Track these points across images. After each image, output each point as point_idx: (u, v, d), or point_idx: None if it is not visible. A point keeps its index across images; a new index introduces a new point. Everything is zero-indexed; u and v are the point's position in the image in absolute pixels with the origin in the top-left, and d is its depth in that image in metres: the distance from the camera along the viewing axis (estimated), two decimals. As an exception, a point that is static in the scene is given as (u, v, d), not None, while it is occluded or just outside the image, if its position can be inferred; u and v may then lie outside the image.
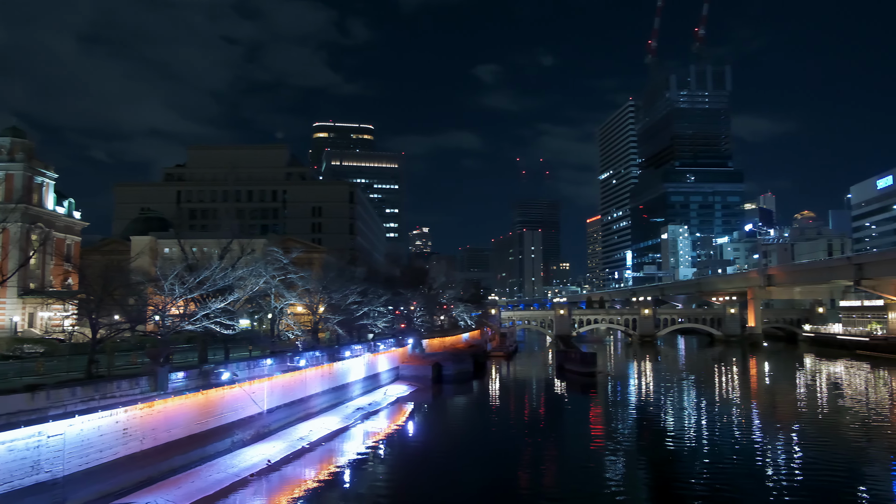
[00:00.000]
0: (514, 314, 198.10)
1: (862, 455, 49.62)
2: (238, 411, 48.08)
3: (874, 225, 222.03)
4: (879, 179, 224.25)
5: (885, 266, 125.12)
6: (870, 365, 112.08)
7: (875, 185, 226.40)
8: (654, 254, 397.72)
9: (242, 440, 47.29)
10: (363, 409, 66.67)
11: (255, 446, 47.13)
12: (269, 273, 61.35)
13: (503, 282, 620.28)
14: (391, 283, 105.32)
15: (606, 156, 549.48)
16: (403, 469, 46.50)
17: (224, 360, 51.75)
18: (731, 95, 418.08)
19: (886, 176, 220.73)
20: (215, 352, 54.09)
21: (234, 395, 47.70)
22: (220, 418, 45.82)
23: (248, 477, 40.32)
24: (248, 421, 49.06)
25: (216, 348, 54.47)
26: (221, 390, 46.23)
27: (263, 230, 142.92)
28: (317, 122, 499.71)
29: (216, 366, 47.90)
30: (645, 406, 75.45)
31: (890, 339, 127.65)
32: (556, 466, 47.40)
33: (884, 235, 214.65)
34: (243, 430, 48.00)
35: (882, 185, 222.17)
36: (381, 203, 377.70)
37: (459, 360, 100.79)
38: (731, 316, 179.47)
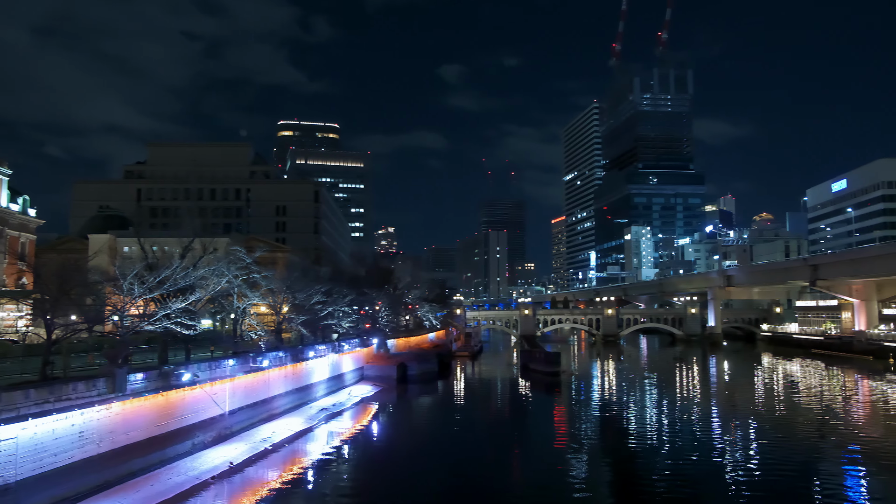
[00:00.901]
0: (480, 314, 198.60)
1: (816, 451, 50.90)
2: (199, 413, 47.29)
3: (829, 227, 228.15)
4: (834, 183, 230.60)
5: (839, 267, 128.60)
6: (824, 363, 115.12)
7: (830, 188, 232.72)
8: (617, 254, 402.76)
9: (204, 442, 46.52)
10: (327, 409, 66.15)
11: (217, 448, 46.41)
12: (232, 272, 60.52)
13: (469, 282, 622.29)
14: (356, 283, 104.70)
15: (571, 157, 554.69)
16: (368, 470, 46.24)
17: (185, 361, 50.88)
18: (692, 99, 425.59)
19: (840, 180, 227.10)
20: (176, 352, 53.15)
21: (196, 396, 46.91)
22: (181, 420, 45.01)
23: (209, 479, 39.68)
24: (209, 422, 48.29)
25: (177, 349, 53.53)
26: (182, 392, 45.42)
27: (226, 229, 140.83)
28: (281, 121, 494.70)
29: (177, 367, 47.04)
30: (608, 405, 76.27)
31: (843, 338, 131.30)
32: (521, 466, 47.63)
33: (838, 237, 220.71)
34: (205, 432, 47.23)
35: (836, 189, 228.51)
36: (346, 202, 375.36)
37: (424, 360, 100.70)
38: (691, 316, 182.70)
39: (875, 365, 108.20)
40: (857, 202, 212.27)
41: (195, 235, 62.22)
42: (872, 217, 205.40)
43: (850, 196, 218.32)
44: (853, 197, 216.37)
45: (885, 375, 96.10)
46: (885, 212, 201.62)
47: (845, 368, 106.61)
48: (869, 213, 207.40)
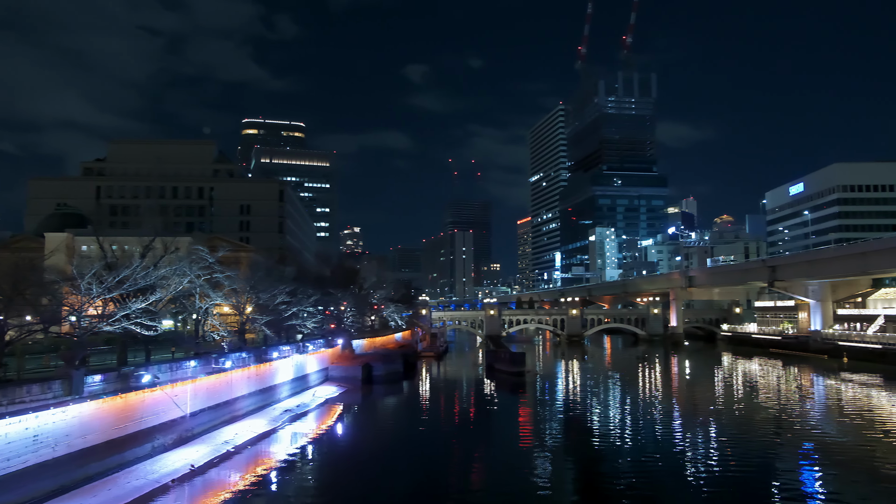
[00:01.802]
0: (445, 314, 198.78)
1: (773, 448, 52.02)
2: (159, 415, 46.47)
3: (787, 229, 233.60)
4: (792, 186, 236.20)
5: (796, 268, 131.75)
6: (782, 362, 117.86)
7: (788, 191, 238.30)
8: (582, 255, 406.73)
9: (164, 445, 45.71)
10: (291, 410, 65.55)
11: (178, 451, 45.65)
12: (194, 272, 59.65)
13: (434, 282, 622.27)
14: (321, 283, 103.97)
15: (537, 158, 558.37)
16: (332, 471, 45.93)
17: (145, 363, 49.99)
18: (655, 102, 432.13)
19: (798, 183, 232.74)
20: (136, 354, 52.17)
21: (156, 398, 46.08)
22: (141, 422, 44.17)
23: (168, 483, 38.99)
24: (170, 425, 47.48)
25: (137, 350, 52.55)
26: (142, 393, 44.58)
27: (189, 228, 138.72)
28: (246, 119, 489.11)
29: (136, 368, 46.18)
30: (572, 404, 76.98)
31: (800, 337, 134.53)
32: (485, 466, 47.75)
33: (795, 239, 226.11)
34: (165, 435, 46.41)
35: (794, 192, 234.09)
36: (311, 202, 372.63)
37: (390, 361, 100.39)
38: (654, 316, 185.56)
39: (829, 364, 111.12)
40: (814, 205, 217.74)
41: (156, 234, 61.30)
42: (828, 220, 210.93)
43: (807, 199, 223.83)
44: (810, 200, 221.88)
45: (839, 374, 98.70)
46: (840, 215, 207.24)
47: (801, 367, 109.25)
48: (825, 215, 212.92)
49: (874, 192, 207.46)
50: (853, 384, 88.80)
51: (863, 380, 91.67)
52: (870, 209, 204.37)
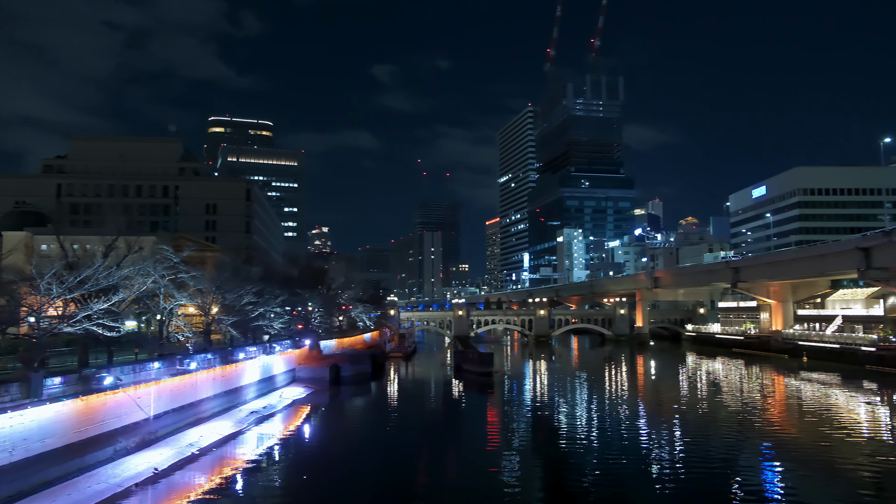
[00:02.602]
0: (414, 315, 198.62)
1: (736, 446, 52.95)
2: (122, 417, 45.61)
3: (750, 231, 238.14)
4: (754, 189, 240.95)
5: (758, 270, 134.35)
6: (744, 362, 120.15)
7: (751, 194, 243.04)
8: (550, 256, 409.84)
9: (126, 448, 44.87)
10: (257, 412, 64.85)
11: (141, 454, 44.85)
12: (159, 272, 58.66)
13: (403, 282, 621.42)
14: (289, 284, 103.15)
15: (506, 160, 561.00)
16: (299, 472, 45.52)
17: (107, 364, 49.04)
18: (623, 105, 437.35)
19: (760, 186, 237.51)
20: (98, 355, 51.16)
21: (118, 400, 45.21)
22: (102, 425, 43.30)
23: (131, 487, 38.29)
24: (132, 427, 46.62)
25: (99, 351, 51.52)
26: (104, 396, 43.71)
27: (153, 227, 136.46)
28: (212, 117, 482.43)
29: (98, 370, 45.26)
30: (539, 404, 77.44)
31: (762, 337, 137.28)
32: (453, 467, 47.83)
33: (758, 241, 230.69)
34: (127, 438, 45.56)
35: (756, 195, 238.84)
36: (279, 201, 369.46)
37: (358, 362, 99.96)
38: (620, 316, 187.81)
39: (790, 363, 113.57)
40: (776, 208, 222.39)
41: (119, 233, 60.09)
42: (789, 222, 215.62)
43: (769, 202, 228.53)
44: (772, 203, 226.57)
45: (799, 373, 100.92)
46: (801, 217, 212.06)
47: (763, 366, 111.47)
48: (786, 218, 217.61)
49: (833, 195, 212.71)
50: (812, 383, 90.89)
51: (822, 378, 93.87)
52: (829, 212, 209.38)
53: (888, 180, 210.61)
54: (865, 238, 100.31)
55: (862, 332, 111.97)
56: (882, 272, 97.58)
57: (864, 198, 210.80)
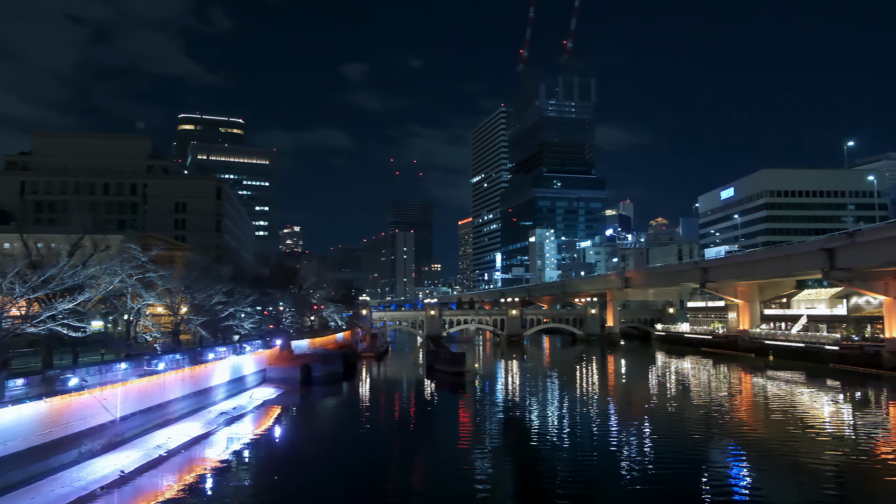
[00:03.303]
0: (386, 315, 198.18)
1: (704, 444, 53.73)
2: (87, 419, 44.72)
3: (718, 232, 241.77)
4: (723, 191, 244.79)
5: (726, 270, 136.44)
6: (712, 361, 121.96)
7: (719, 195, 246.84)
8: (522, 256, 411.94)
9: (92, 450, 44.03)
10: (227, 413, 64.09)
11: (107, 456, 44.03)
12: (126, 271, 57.68)
13: (375, 282, 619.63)
14: (260, 283, 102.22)
15: (478, 160, 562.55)
16: (269, 474, 45.09)
17: (72, 365, 48.11)
18: (595, 106, 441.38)
19: (729, 188, 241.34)
20: (62, 356, 50.20)
21: (83, 402, 44.34)
22: (67, 428, 42.41)
23: (96, 490, 37.56)
24: (98, 429, 45.76)
25: (63, 352, 50.53)
26: (68, 397, 42.82)
27: (121, 226, 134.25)
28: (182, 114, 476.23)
29: (63, 371, 44.38)
30: (511, 404, 77.74)
31: (729, 336, 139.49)
32: (425, 467, 47.77)
33: (726, 242, 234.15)
34: (93, 440, 44.71)
35: (725, 196, 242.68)
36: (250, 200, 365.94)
37: (329, 362, 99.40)
38: (591, 316, 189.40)
39: (757, 362, 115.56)
40: (743, 209, 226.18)
41: (85, 232, 59.00)
42: (756, 223, 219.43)
43: (737, 203, 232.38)
44: (739, 204, 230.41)
45: (766, 371, 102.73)
46: (768, 219, 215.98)
47: (731, 365, 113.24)
48: (753, 219, 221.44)
49: (799, 197, 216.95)
50: (778, 381, 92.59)
51: (787, 377, 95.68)
52: (795, 214, 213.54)
53: (851, 183, 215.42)
54: (829, 239, 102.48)
55: (826, 331, 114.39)
56: (845, 272, 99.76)
57: (828, 200, 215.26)
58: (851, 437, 55.70)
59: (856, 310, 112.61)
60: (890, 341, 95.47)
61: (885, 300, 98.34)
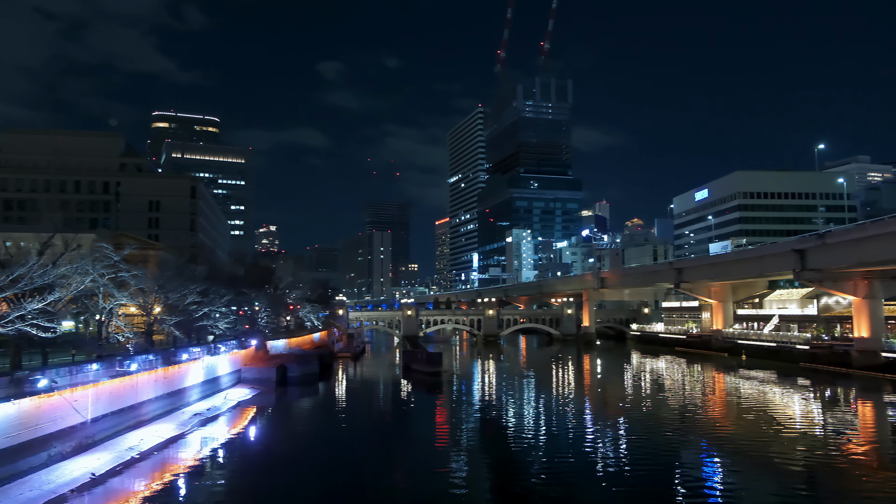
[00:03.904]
0: (363, 315, 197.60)
1: (679, 443, 54.29)
2: (57, 421, 43.95)
3: (692, 233, 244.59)
4: (697, 192, 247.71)
5: (700, 270, 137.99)
6: (686, 360, 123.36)
7: (693, 197, 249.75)
8: (499, 256, 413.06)
9: (62, 453, 43.28)
10: (201, 414, 63.40)
11: (77, 459, 43.31)
12: (98, 271, 56.87)
13: (352, 282, 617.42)
14: (235, 283, 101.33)
15: (456, 160, 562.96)
16: (244, 475, 44.68)
17: (42, 366, 47.24)
18: (571, 107, 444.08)
19: (702, 189, 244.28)
20: (32, 357, 49.33)
21: (53, 403, 43.57)
22: (36, 430, 41.64)
23: (66, 493, 36.91)
24: (69, 432, 45.00)
25: (33, 353, 49.66)
26: (37, 399, 42.05)
27: (93, 224, 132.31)
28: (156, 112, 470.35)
29: (32, 372, 43.56)
30: (488, 404, 77.88)
31: (703, 336, 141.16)
32: (401, 468, 47.66)
33: (700, 243, 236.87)
34: (63, 442, 43.96)
35: (699, 198, 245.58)
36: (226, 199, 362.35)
37: (305, 362, 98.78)
38: (568, 316, 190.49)
39: (729, 361, 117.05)
40: (717, 210, 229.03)
41: (56, 230, 58.09)
42: (730, 224, 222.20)
43: (711, 205, 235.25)
44: (713, 206, 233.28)
45: (738, 371, 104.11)
46: (741, 220, 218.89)
47: (704, 365, 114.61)
48: (727, 220, 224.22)
49: (771, 199, 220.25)
50: (751, 380, 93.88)
51: (759, 376, 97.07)
52: (767, 215, 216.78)
53: (822, 185, 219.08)
54: (801, 241, 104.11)
55: (797, 331, 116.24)
56: (816, 273, 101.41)
57: (799, 201, 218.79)
58: (821, 435, 56.65)
59: (826, 310, 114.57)
60: (858, 341, 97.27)
61: (853, 300, 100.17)
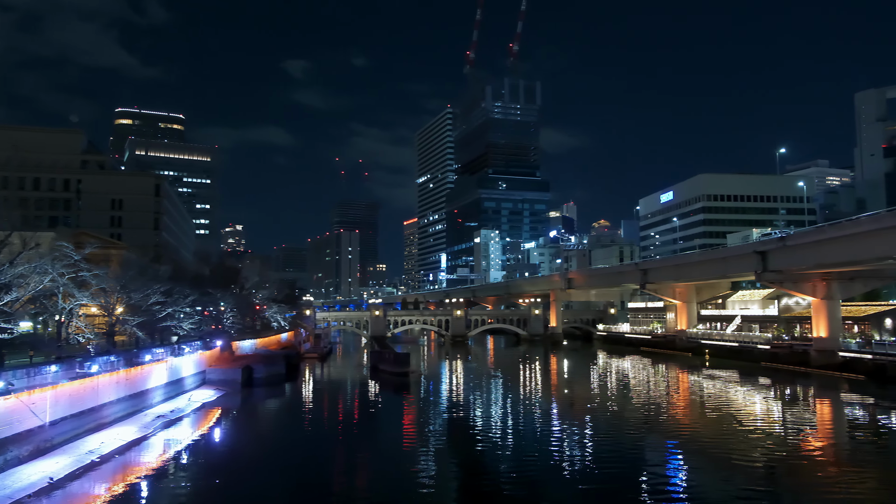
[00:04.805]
0: (330, 315, 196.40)
1: (643, 442, 55.00)
2: (13, 425, 42.83)
3: (658, 235, 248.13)
4: (662, 194, 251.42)
5: (665, 271, 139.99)
6: (651, 360, 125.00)
7: (659, 199, 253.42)
8: (467, 257, 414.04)
9: (18, 457, 42.17)
10: (164, 416, 62.35)
11: (35, 463, 42.25)
12: (57, 270, 55.59)
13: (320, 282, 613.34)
14: (200, 283, 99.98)
15: (424, 160, 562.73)
16: (208, 478, 44.02)
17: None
18: (540, 109, 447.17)
19: (668, 192, 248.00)
20: (-13, 358, 47.92)
21: (9, 406, 42.45)
22: (-9, 434, 40.55)
23: (23, 498, 35.96)
24: (26, 435, 43.88)
25: (-12, 354, 48.27)
26: (-7, 402, 40.94)
27: (53, 223, 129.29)
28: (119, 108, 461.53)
29: (-13, 374, 42.38)
30: (455, 404, 77.94)
31: (668, 336, 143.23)
32: (368, 469, 47.42)
33: (665, 244, 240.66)
34: (20, 446, 42.84)
35: (664, 200, 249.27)
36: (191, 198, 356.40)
37: (271, 363, 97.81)
38: (535, 317, 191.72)
39: (693, 361, 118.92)
40: (682, 212, 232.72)
41: (13, 229, 56.57)
42: (694, 226, 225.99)
43: (676, 207, 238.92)
44: (678, 208, 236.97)
45: (702, 370, 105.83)
46: (705, 222, 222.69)
47: (669, 364, 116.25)
48: (691, 222, 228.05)
49: (734, 201, 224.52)
50: (713, 380, 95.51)
51: (722, 375, 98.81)
52: (730, 217, 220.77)
53: (783, 188, 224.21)
54: (762, 242, 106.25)
55: (758, 331, 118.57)
56: (777, 274, 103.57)
57: (761, 204, 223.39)
58: (781, 433, 57.88)
59: (786, 310, 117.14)
60: (817, 340, 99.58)
61: (812, 301, 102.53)
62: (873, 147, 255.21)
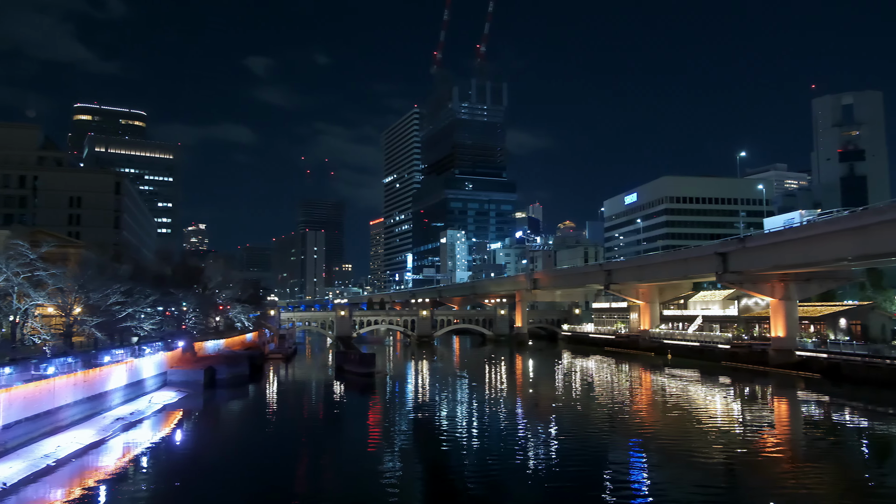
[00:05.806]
0: (295, 315, 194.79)
1: (607, 441, 55.67)
2: (-35, 428, 41.62)
3: (622, 236, 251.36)
4: (626, 196, 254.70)
5: (629, 272, 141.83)
6: (615, 360, 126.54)
7: (623, 200, 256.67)
8: (433, 257, 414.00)
9: (-30, 461, 40.98)
10: (124, 419, 61.14)
11: (-13, 468, 41.08)
12: (12, 269, 54.22)
13: (285, 282, 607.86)
14: (161, 282, 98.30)
15: (391, 160, 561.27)
16: (169, 481, 43.26)
17: (-51, 370, 44.61)
18: (506, 110, 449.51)
19: (632, 193, 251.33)
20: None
21: (-39, 409, 41.24)
22: (-58, 438, 39.32)
23: (-25, 504, 35.02)
24: (-22, 439, 42.65)
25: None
26: (-56, 405, 39.70)
27: (7, 220, 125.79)
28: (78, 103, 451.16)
29: (-63, 376, 41.07)
30: (421, 405, 77.90)
31: (631, 336, 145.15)
32: (333, 470, 47.15)
33: (629, 245, 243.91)
34: (-28, 450, 41.63)
35: (629, 202, 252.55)
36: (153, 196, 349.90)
37: (234, 364, 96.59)
38: (501, 317, 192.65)
39: (656, 360, 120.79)
40: (645, 214, 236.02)
41: (-34, 227, 54.98)
42: (657, 228, 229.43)
43: (640, 208, 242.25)
44: (642, 209, 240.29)
45: (664, 370, 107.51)
46: (668, 223, 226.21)
47: (632, 364, 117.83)
48: (654, 224, 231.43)
49: (696, 203, 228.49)
50: (675, 379, 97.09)
51: (683, 374, 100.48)
52: (692, 219, 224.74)
53: (743, 191, 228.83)
54: (723, 244, 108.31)
55: (719, 331, 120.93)
56: (737, 275, 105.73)
57: (722, 206, 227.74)
58: (740, 431, 59.08)
59: (746, 311, 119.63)
60: (775, 340, 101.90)
61: (771, 301, 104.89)
62: (829, 152, 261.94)
